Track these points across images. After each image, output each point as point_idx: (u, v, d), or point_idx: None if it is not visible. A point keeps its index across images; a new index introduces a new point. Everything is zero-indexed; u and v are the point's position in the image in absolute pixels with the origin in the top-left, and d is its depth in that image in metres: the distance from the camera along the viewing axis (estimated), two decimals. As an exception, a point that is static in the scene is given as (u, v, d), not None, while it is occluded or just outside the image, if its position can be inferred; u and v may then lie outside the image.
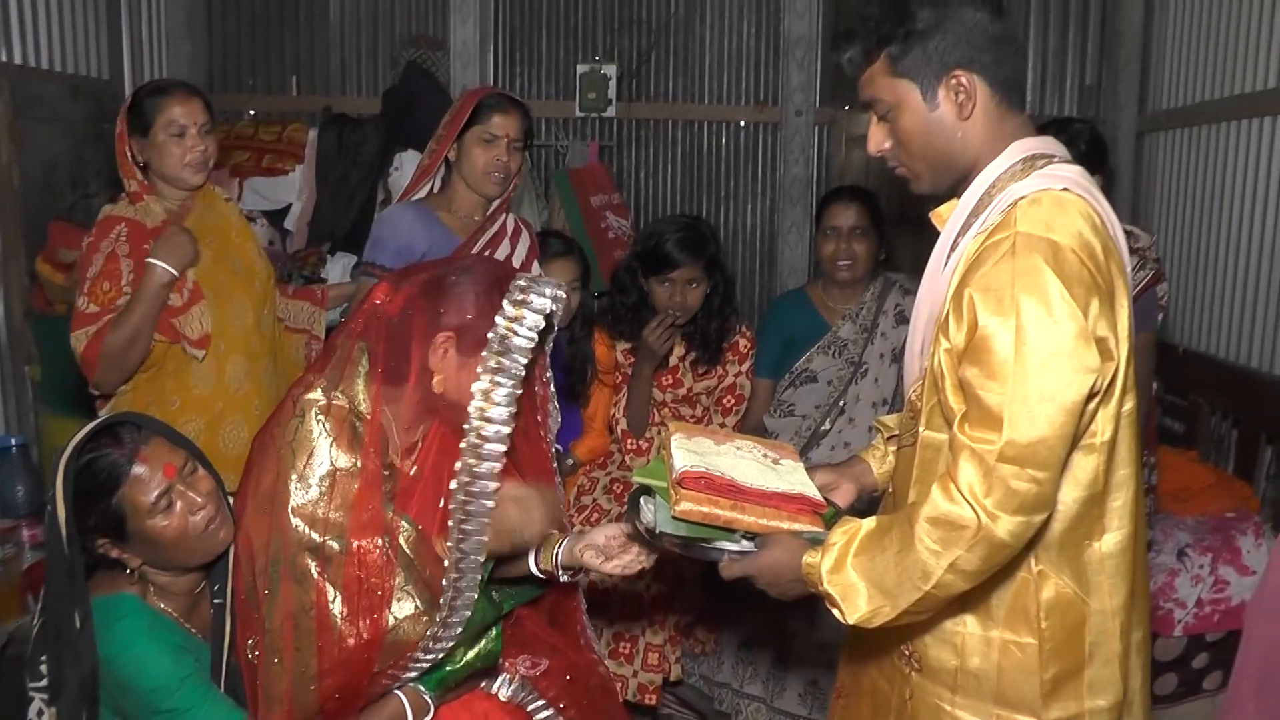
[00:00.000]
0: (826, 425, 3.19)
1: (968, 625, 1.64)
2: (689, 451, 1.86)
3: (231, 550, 1.90)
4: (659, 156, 5.01)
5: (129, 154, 2.62)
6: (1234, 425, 3.62)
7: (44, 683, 1.79)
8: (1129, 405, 1.60)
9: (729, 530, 1.77)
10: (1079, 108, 4.70)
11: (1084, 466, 1.57)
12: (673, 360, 3.26)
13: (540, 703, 2.09)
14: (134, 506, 1.78)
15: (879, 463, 2.01)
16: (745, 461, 1.88)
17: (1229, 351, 3.68)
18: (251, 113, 4.92)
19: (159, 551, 1.84)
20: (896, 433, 1.96)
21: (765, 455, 1.93)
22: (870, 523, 1.63)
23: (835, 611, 1.60)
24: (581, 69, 4.84)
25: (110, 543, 1.82)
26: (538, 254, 2.94)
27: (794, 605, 1.71)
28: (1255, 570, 3.01)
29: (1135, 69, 4.39)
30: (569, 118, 4.92)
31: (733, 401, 3.29)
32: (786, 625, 3.00)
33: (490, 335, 1.80)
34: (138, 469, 1.78)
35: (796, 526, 1.75)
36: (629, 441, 3.21)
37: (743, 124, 4.95)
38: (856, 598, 1.58)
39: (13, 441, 3.39)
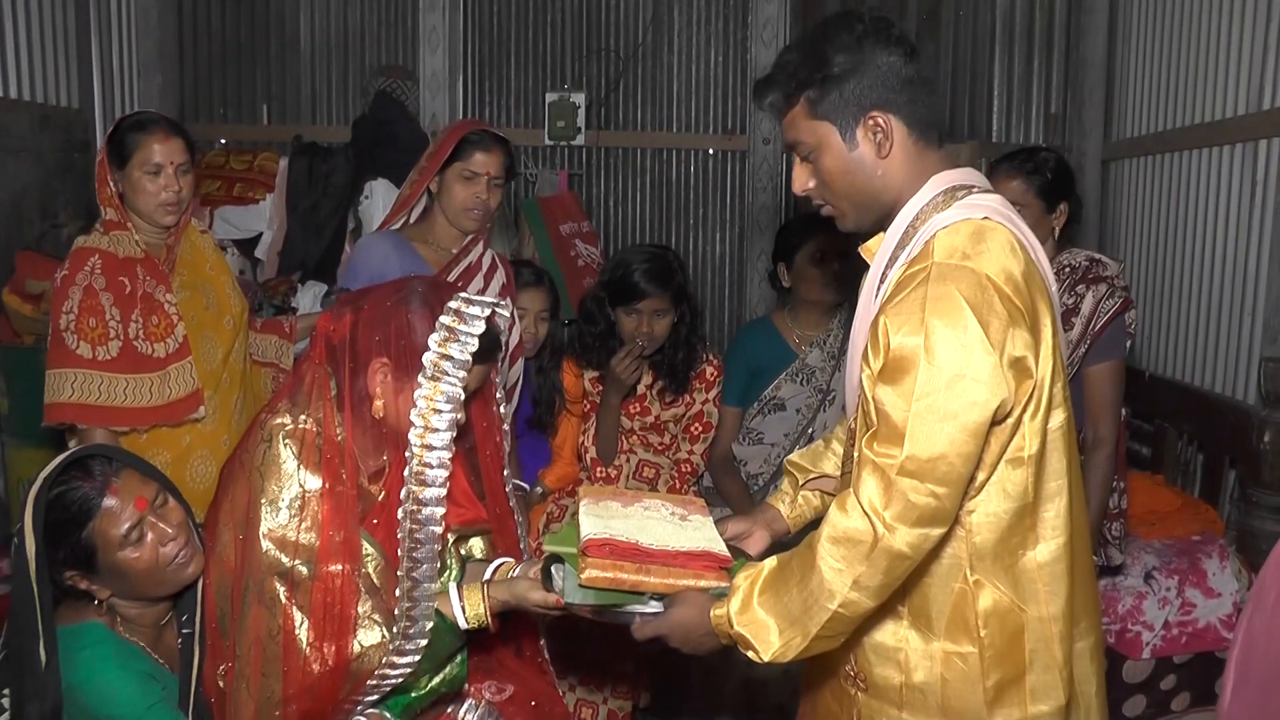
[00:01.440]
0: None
1: (910, 641, 1.68)
2: (595, 517, 1.89)
3: (201, 579, 1.90)
4: (628, 184, 5.04)
5: (109, 183, 2.61)
6: (1199, 449, 3.65)
7: (4, 716, 1.78)
8: (1058, 420, 1.66)
9: (638, 593, 1.80)
10: (1045, 136, 4.75)
11: (1013, 479, 1.62)
12: (640, 389, 3.26)
13: (505, 727, 2.09)
14: (105, 539, 1.78)
15: (789, 507, 2.08)
16: (653, 521, 1.92)
17: (1194, 376, 3.72)
18: (223, 141, 4.92)
19: (129, 583, 1.83)
20: (812, 473, 2.03)
21: (673, 513, 1.97)
22: (771, 561, 1.68)
23: (750, 653, 1.65)
24: (550, 97, 4.87)
25: (80, 575, 1.82)
26: (513, 291, 2.95)
27: (726, 651, 1.75)
28: (1221, 592, 3.03)
29: (1100, 97, 4.45)
30: (538, 146, 4.95)
31: (700, 429, 3.29)
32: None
33: (424, 359, 1.80)
34: (109, 501, 1.78)
35: (702, 584, 1.78)
36: (598, 470, 3.21)
37: (711, 152, 4.99)
38: (767, 634, 1.62)
39: (-23, 473, 3.37)
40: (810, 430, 3.22)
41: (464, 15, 4.82)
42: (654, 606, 1.80)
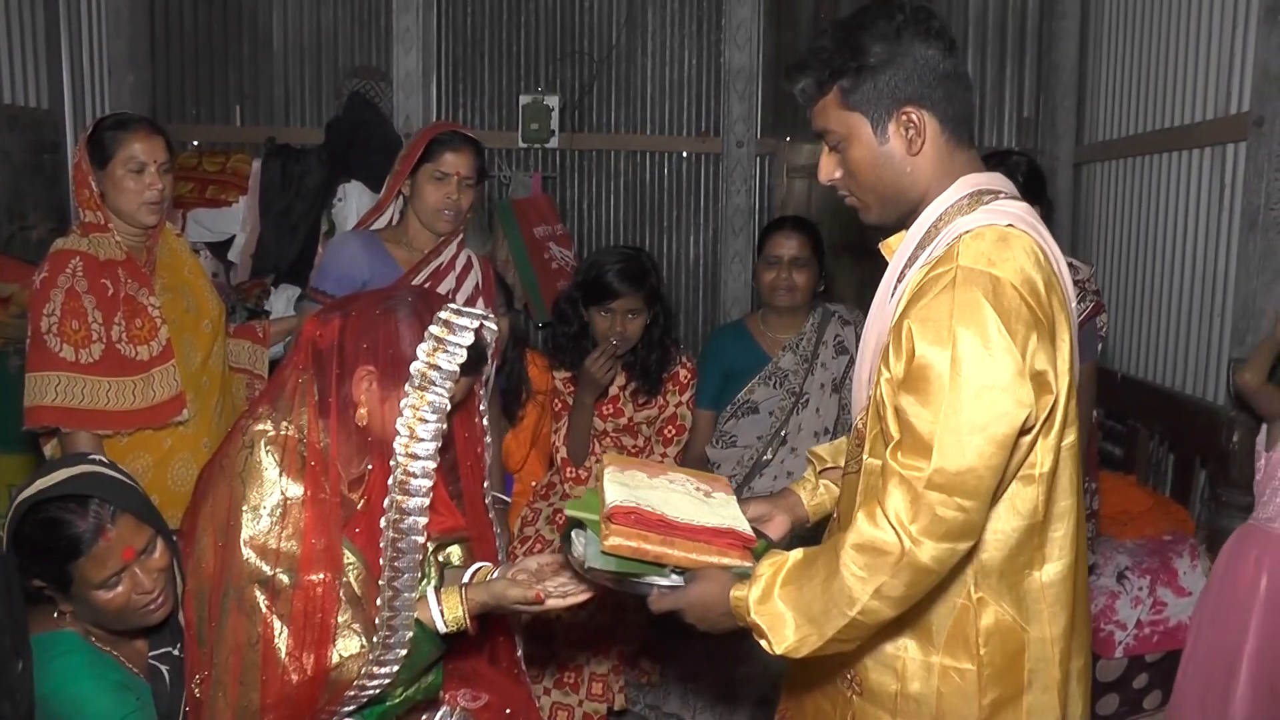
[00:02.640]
0: (769, 455, 3.21)
1: (908, 650, 1.65)
2: (621, 485, 1.86)
3: (180, 592, 1.88)
4: (602, 187, 5.03)
5: (89, 184, 2.58)
6: (1170, 449, 3.69)
7: None
8: (1070, 438, 1.63)
9: (659, 565, 1.77)
10: (1017, 139, 4.78)
11: (1024, 497, 1.59)
12: (613, 390, 3.26)
13: (480, 735, 2.09)
14: (83, 578, 1.75)
15: (810, 494, 2.04)
16: (678, 495, 1.89)
17: (1165, 377, 3.75)
18: (195, 143, 4.89)
19: (95, 615, 1.81)
20: (829, 464, 2.00)
21: (698, 488, 1.95)
22: (798, 554, 1.65)
23: (763, 642, 1.62)
24: (524, 99, 4.86)
25: (49, 587, 1.79)
26: (491, 291, 2.94)
27: (739, 633, 1.71)
28: (1192, 591, 3.07)
29: (1072, 102, 4.49)
30: (512, 148, 4.93)
31: (674, 431, 3.29)
32: (734, 651, 3.00)
33: (412, 369, 1.79)
34: (99, 547, 1.74)
35: (725, 561, 1.76)
36: (568, 470, 3.21)
37: (685, 154, 4.99)
38: (783, 627, 1.59)
39: (-55, 478, 3.33)
40: (784, 433, 3.22)
41: (438, 16, 4.80)
42: (674, 580, 1.77)
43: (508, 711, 2.16)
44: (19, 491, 1.77)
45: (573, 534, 1.89)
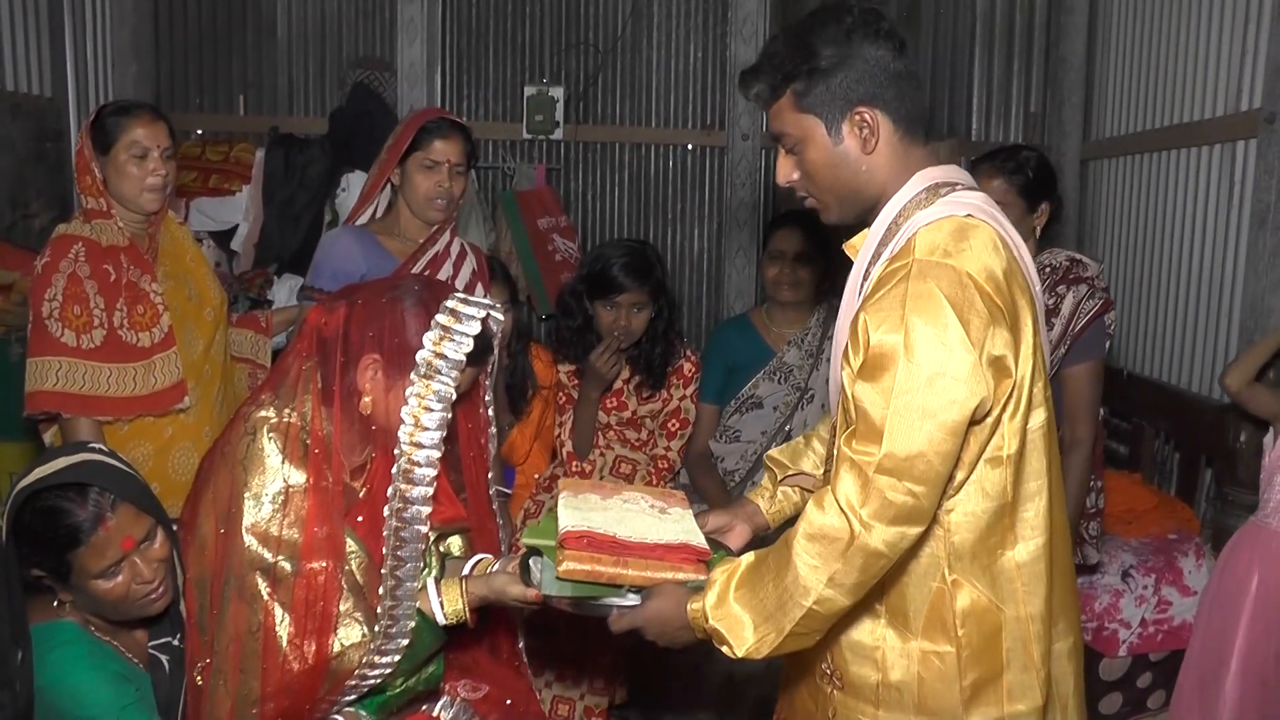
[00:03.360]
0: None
1: (887, 640, 1.67)
2: (574, 509, 1.90)
3: (181, 583, 1.87)
4: (606, 179, 5.01)
5: (91, 170, 2.58)
6: (1175, 448, 3.68)
7: None
8: (1038, 420, 1.65)
9: (615, 586, 1.79)
10: (1024, 135, 4.75)
11: (991, 479, 1.62)
12: (617, 384, 3.26)
13: (481, 726, 2.08)
14: (82, 568, 1.75)
15: (768, 502, 2.07)
16: (632, 514, 1.92)
17: (1170, 375, 3.74)
18: (199, 132, 4.87)
19: (94, 604, 1.81)
20: (790, 469, 2.04)
21: (653, 505, 1.98)
22: (749, 557, 1.68)
23: (724, 648, 1.64)
24: (529, 91, 4.83)
25: (48, 577, 1.78)
26: (485, 278, 2.91)
27: (703, 644, 1.74)
28: (1196, 590, 3.05)
29: (1079, 98, 4.46)
30: (516, 140, 4.90)
31: (678, 425, 3.28)
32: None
33: (418, 357, 1.79)
34: (98, 537, 1.74)
35: (680, 576, 1.78)
36: (573, 464, 3.20)
37: (690, 147, 4.96)
38: (742, 630, 1.62)
39: (-55, 465, 3.32)
40: (788, 428, 3.21)
41: (442, 7, 4.76)
42: (631, 599, 1.79)
43: (508, 703, 2.16)
44: (18, 479, 1.76)
45: (530, 561, 1.91)
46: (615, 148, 4.99)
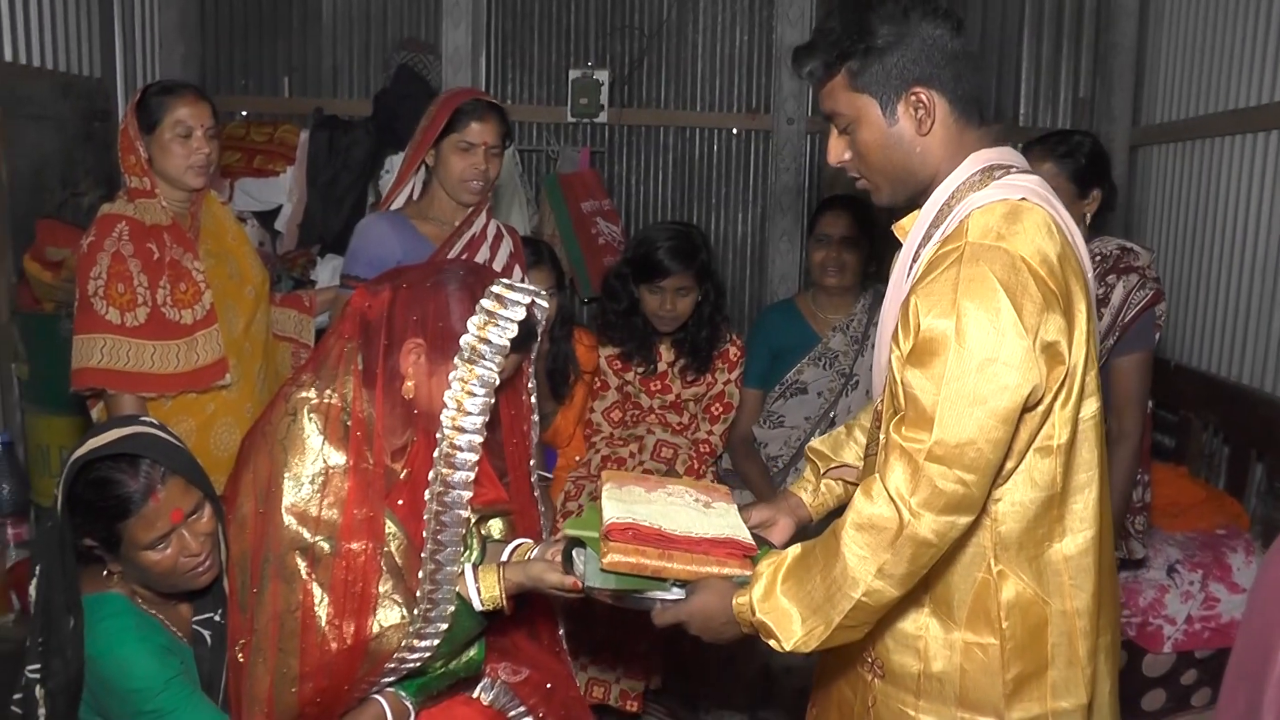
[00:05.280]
0: (816, 437, 3.17)
1: (930, 629, 1.65)
2: (618, 501, 1.87)
3: (224, 559, 1.89)
4: (650, 163, 4.99)
5: (135, 149, 2.61)
6: (1225, 441, 3.62)
7: (38, 665, 1.79)
8: (1090, 410, 1.63)
9: (660, 579, 1.77)
10: (1072, 121, 4.68)
11: (1041, 468, 1.59)
12: (661, 366, 3.25)
13: (521, 709, 2.10)
14: (132, 538, 1.78)
15: (811, 495, 2.04)
16: (676, 507, 1.90)
17: (1220, 367, 3.68)
18: (244, 113, 4.90)
19: (143, 575, 1.84)
20: (833, 461, 2.00)
21: (697, 499, 1.95)
22: (795, 549, 1.66)
23: (771, 642, 1.62)
24: (573, 74, 4.81)
25: (99, 547, 1.81)
26: (522, 260, 2.91)
27: (746, 640, 1.73)
28: (1245, 587, 3.00)
29: (1129, 82, 4.39)
30: (560, 123, 4.89)
31: (720, 409, 3.27)
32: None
33: (462, 342, 1.78)
34: (148, 508, 1.77)
35: (725, 571, 1.76)
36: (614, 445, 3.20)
37: (734, 131, 4.92)
38: (789, 623, 1.60)
39: (-2, 439, 3.38)
40: (832, 415, 3.19)
41: (487, -10, 4.79)
42: (676, 593, 1.78)
43: (548, 687, 2.16)
44: (73, 450, 1.80)
45: (573, 552, 1.89)
46: (659, 131, 4.97)
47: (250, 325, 2.79)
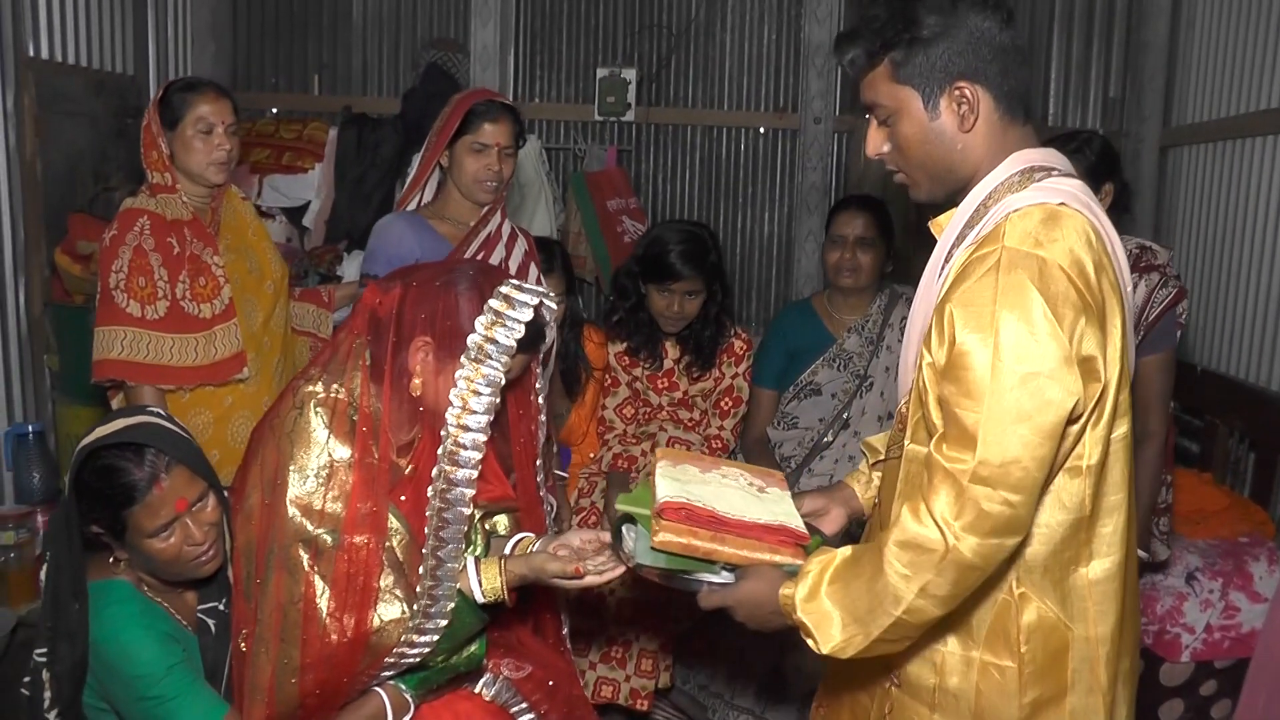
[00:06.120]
0: (829, 438, 3.16)
1: (948, 645, 1.61)
2: (672, 480, 1.84)
3: (230, 549, 1.91)
4: (677, 161, 4.99)
5: (158, 145, 2.65)
6: (1251, 448, 3.56)
7: (46, 648, 1.83)
8: (1122, 430, 1.57)
9: (709, 561, 1.75)
10: (1102, 120, 4.63)
11: (1070, 489, 1.54)
12: (667, 364, 3.25)
13: (523, 705, 2.10)
14: (137, 526, 1.80)
15: (864, 487, 1.99)
16: (730, 490, 1.86)
17: (1248, 372, 3.62)
18: (273, 110, 4.95)
19: (148, 563, 1.86)
20: (883, 455, 1.92)
21: (751, 483, 1.92)
22: (845, 551, 1.60)
23: (809, 641, 1.58)
24: (601, 73, 4.82)
25: (105, 534, 1.84)
26: (537, 259, 2.92)
27: (789, 629, 1.67)
28: (1267, 597, 2.95)
29: (1160, 82, 4.33)
30: (588, 121, 4.90)
31: (730, 404, 3.26)
32: (785, 639, 2.97)
33: (469, 341, 1.80)
34: (152, 496, 1.79)
35: (777, 559, 1.73)
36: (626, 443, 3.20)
37: (762, 130, 4.91)
38: (830, 626, 1.56)
39: (30, 429, 3.46)
40: (846, 416, 3.17)
41: (516, -11, 4.81)
42: (725, 577, 1.74)
43: (550, 683, 2.16)
44: (81, 440, 1.82)
45: (624, 529, 1.87)
46: (687, 130, 4.97)
47: (269, 319, 2.82)
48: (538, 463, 2.22)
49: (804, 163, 4.73)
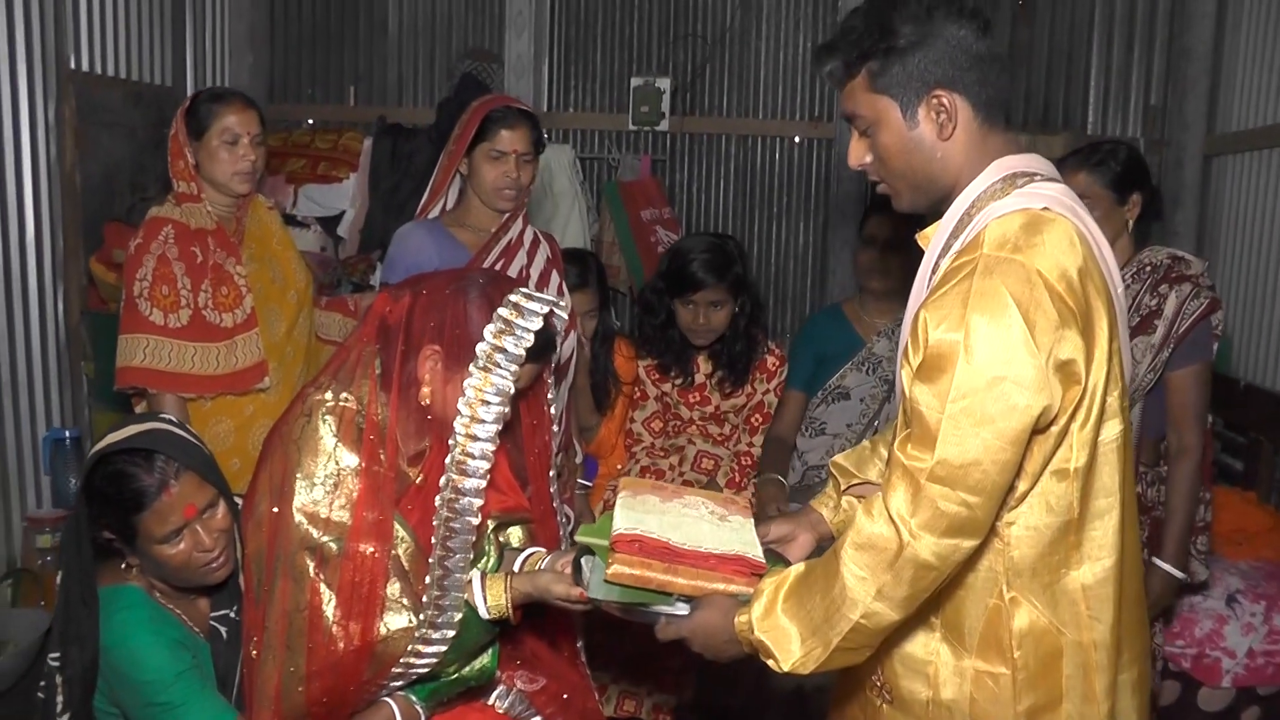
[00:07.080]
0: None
1: (940, 655, 1.60)
2: (630, 511, 1.84)
3: (240, 555, 1.92)
4: (711, 171, 4.97)
5: (184, 155, 2.68)
6: (1297, 465, 3.46)
7: (58, 653, 1.84)
8: (1112, 432, 1.55)
9: (664, 594, 1.74)
10: (1143, 129, 4.55)
11: (1056, 492, 1.53)
12: (699, 379, 3.22)
13: (536, 718, 2.09)
14: (146, 532, 1.81)
15: (832, 512, 1.97)
16: (690, 519, 1.85)
17: (1294, 387, 3.53)
18: (309, 121, 5.00)
19: (158, 569, 1.87)
20: (856, 478, 1.93)
21: (713, 512, 1.91)
22: (799, 567, 1.61)
23: (770, 661, 1.58)
24: (635, 82, 4.82)
25: (116, 539, 1.86)
26: (560, 266, 2.90)
27: (749, 660, 1.68)
28: (1316, 623, 2.87)
29: (1203, 89, 4.24)
30: (622, 130, 4.90)
31: (760, 420, 3.23)
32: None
33: (477, 350, 1.78)
34: (161, 502, 1.80)
35: (731, 588, 1.72)
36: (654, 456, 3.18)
37: (797, 140, 4.88)
38: (789, 643, 1.55)
39: (67, 434, 3.50)
40: (875, 423, 3.13)
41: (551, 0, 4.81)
42: (681, 608, 1.74)
43: (565, 697, 2.15)
44: (94, 445, 1.84)
45: (582, 560, 1.86)
46: (721, 139, 4.95)
47: (292, 329, 2.83)
48: (551, 474, 2.20)
49: (839, 172, 4.69)
